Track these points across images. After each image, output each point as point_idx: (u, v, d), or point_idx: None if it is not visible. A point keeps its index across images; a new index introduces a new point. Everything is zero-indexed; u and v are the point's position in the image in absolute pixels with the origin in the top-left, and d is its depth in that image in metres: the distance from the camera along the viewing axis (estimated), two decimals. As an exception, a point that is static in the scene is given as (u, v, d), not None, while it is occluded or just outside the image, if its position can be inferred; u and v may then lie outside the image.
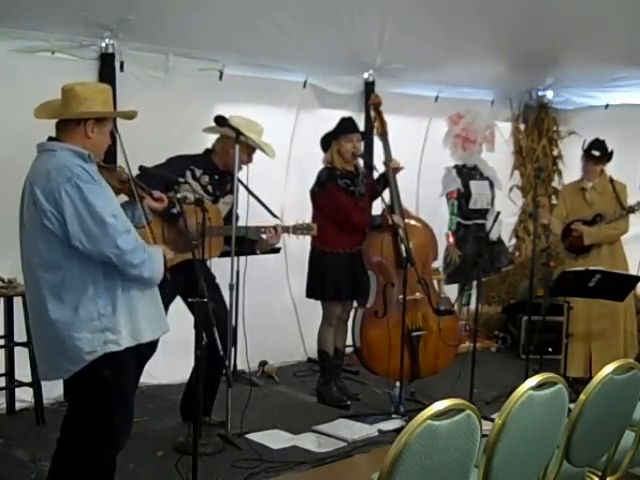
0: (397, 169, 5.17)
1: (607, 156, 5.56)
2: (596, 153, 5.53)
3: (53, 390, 4.56)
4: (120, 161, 3.45)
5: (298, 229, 4.49)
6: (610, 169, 5.67)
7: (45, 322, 2.91)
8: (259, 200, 4.50)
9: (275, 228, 4.40)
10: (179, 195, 3.51)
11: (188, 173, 4.29)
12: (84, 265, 2.89)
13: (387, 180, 5.14)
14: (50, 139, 3.00)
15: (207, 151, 4.46)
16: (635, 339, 5.70)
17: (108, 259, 2.87)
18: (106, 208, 2.86)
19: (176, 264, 4.12)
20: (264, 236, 4.40)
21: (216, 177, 4.40)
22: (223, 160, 4.39)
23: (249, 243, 4.46)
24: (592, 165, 5.56)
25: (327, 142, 5.06)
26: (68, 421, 3.10)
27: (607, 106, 7.22)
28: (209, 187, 4.37)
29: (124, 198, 3.28)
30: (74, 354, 2.90)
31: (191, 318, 4.06)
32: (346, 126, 5.04)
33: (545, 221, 5.55)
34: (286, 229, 4.45)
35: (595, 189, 5.59)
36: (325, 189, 4.99)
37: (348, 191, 5.03)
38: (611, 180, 5.59)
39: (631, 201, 5.51)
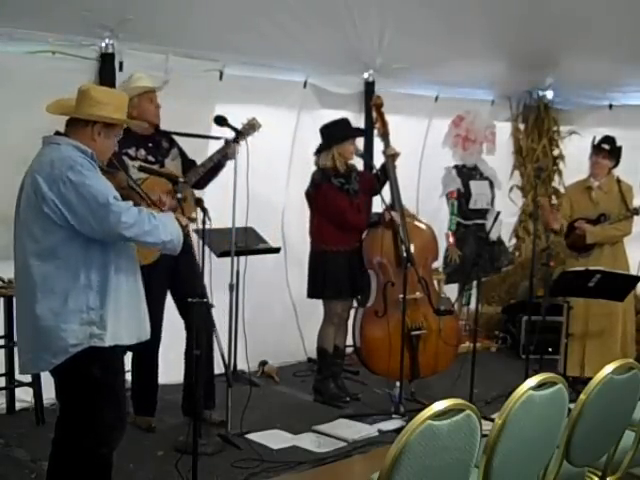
0: (394, 155, 5.15)
1: (616, 152, 5.53)
2: (606, 146, 5.52)
3: (53, 390, 4.56)
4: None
5: (245, 132, 4.48)
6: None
7: (33, 312, 2.91)
8: (190, 135, 4.55)
9: (227, 143, 4.41)
10: (179, 195, 3.51)
11: (126, 159, 4.26)
12: (81, 254, 2.90)
13: (387, 173, 5.14)
14: (57, 133, 3.03)
15: (125, 130, 4.41)
16: (634, 340, 5.69)
17: (119, 236, 2.89)
18: (107, 190, 2.90)
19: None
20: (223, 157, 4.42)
21: (149, 144, 4.39)
22: (142, 119, 4.28)
23: (215, 166, 4.46)
24: (601, 159, 5.52)
25: (327, 146, 5.05)
26: (61, 421, 3.11)
27: (611, 106, 7.20)
28: (149, 157, 4.36)
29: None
30: (58, 345, 2.90)
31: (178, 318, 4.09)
32: (349, 130, 5.08)
33: (557, 226, 5.53)
34: (235, 140, 4.44)
35: (601, 189, 5.57)
36: (320, 190, 5.00)
37: (343, 189, 5.04)
38: (618, 180, 5.57)
39: (636, 202, 5.50)
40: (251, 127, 4.52)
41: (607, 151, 5.51)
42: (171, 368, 4.84)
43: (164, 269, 4.15)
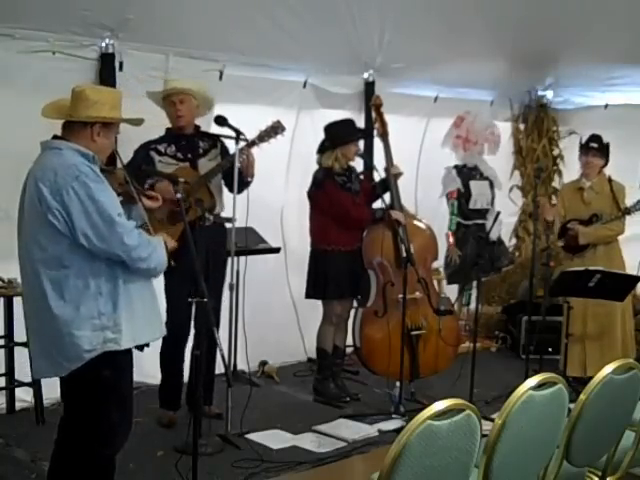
0: (398, 175, 5.19)
1: (605, 150, 5.53)
2: (594, 145, 5.52)
3: (53, 390, 4.55)
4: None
5: (265, 135, 4.49)
6: (610, 169, 5.64)
7: (46, 318, 2.91)
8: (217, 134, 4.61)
9: (242, 150, 4.42)
10: (179, 195, 3.52)
11: (153, 153, 4.34)
12: (87, 263, 2.90)
13: (387, 184, 5.16)
14: (55, 137, 3.01)
15: (167, 129, 4.51)
16: (633, 339, 5.68)
17: (116, 256, 2.89)
18: (113, 206, 2.90)
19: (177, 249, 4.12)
20: (241, 160, 4.40)
21: (183, 142, 4.44)
22: (172, 121, 4.43)
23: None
24: (590, 158, 5.52)
25: (331, 146, 5.05)
26: (65, 421, 3.10)
27: (607, 106, 7.22)
28: (179, 154, 4.42)
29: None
30: (73, 352, 2.90)
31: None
32: (354, 132, 5.11)
33: (550, 218, 5.52)
34: (252, 142, 4.45)
35: (593, 189, 5.57)
36: (323, 188, 5.00)
37: (345, 187, 5.05)
38: (610, 180, 5.57)
39: (630, 202, 5.50)
40: (273, 130, 4.52)
41: (596, 149, 5.52)
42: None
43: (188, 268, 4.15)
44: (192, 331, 4.51)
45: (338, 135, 5.03)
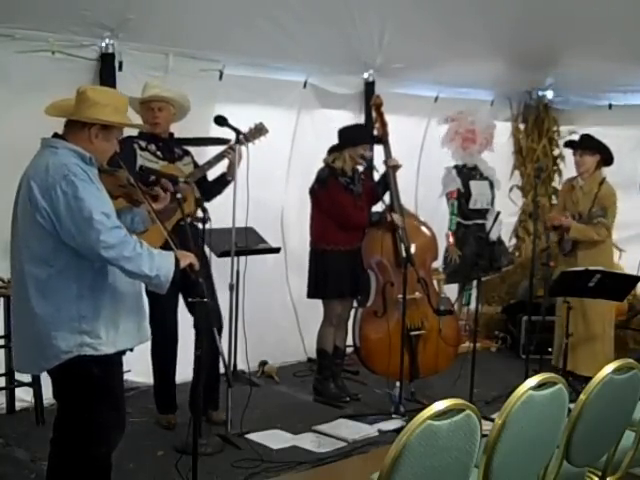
0: (396, 167, 5.18)
1: (594, 146, 5.47)
2: (576, 140, 5.54)
3: (53, 390, 4.57)
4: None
5: (251, 135, 4.58)
6: (611, 169, 5.61)
7: (27, 316, 2.91)
8: (204, 140, 4.77)
9: (231, 148, 4.49)
10: (179, 196, 3.52)
11: (136, 146, 4.39)
12: (72, 264, 2.88)
13: (387, 182, 5.16)
14: (55, 135, 3.00)
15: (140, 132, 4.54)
16: (612, 342, 5.57)
17: (98, 255, 2.83)
18: (96, 205, 2.83)
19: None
20: (230, 157, 4.49)
21: (160, 144, 4.49)
22: (147, 125, 4.43)
23: (218, 180, 4.63)
24: (579, 157, 5.52)
25: (340, 147, 5.06)
26: (59, 421, 3.10)
27: (610, 106, 7.20)
28: (158, 153, 4.47)
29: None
30: (50, 351, 2.90)
31: (190, 319, 4.10)
32: (364, 135, 5.17)
33: (557, 222, 5.49)
34: (239, 141, 4.52)
35: (582, 189, 5.55)
36: (326, 187, 5.00)
37: (348, 189, 5.05)
38: (601, 183, 5.48)
39: (624, 204, 5.47)
40: (258, 131, 4.59)
41: (581, 147, 5.50)
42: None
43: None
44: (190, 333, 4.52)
45: (348, 137, 5.06)
